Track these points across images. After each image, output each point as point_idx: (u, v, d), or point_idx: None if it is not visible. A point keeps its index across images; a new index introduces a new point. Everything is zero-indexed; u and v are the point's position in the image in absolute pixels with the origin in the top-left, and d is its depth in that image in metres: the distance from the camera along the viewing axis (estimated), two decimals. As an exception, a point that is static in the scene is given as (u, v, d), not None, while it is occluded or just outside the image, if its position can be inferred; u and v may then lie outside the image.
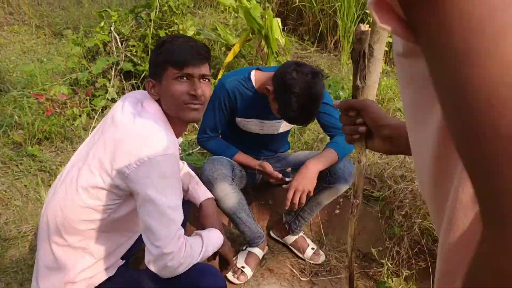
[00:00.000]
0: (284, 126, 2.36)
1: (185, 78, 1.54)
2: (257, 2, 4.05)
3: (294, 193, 2.08)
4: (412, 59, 0.49)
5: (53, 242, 1.54)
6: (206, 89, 1.59)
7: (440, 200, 0.52)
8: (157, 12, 3.50)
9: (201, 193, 1.93)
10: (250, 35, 3.99)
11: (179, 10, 3.60)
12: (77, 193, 1.49)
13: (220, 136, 2.38)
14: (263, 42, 3.94)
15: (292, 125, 2.42)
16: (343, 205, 2.71)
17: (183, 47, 1.55)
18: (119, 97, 3.47)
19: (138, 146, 1.44)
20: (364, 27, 0.93)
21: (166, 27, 3.55)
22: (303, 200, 2.11)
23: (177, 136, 1.63)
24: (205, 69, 1.58)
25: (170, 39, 1.58)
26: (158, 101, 1.59)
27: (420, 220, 2.31)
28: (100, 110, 3.39)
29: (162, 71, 1.55)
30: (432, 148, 0.50)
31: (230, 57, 3.84)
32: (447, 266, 0.52)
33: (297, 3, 6.09)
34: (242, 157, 2.32)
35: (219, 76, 3.74)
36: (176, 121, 1.60)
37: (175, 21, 3.55)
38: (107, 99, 3.40)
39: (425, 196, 0.58)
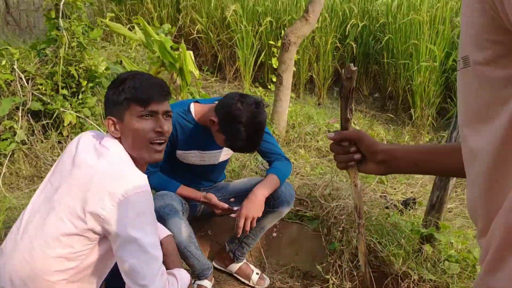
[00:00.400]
0: (223, 155, 2.40)
1: (149, 116, 1.54)
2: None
3: (245, 220, 2.13)
4: (494, 65, 0.60)
5: (20, 300, 1.42)
6: (170, 126, 1.60)
7: (500, 185, 0.63)
8: (66, 49, 3.36)
9: (160, 231, 1.89)
10: (160, 68, 3.99)
11: (89, 46, 3.49)
12: (46, 243, 1.40)
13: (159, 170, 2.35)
14: (175, 75, 3.96)
15: (230, 154, 2.47)
16: (280, 228, 2.80)
17: (146, 84, 1.55)
18: (29, 139, 3.27)
19: (110, 185, 1.41)
20: (354, 66, 1.05)
21: (76, 63, 3.42)
22: (254, 225, 2.16)
23: None
24: (167, 106, 1.60)
25: (131, 76, 1.57)
26: (118, 138, 1.56)
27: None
28: (9, 154, 3.14)
29: (124, 109, 1.53)
30: (501, 137, 0.60)
31: (142, 90, 3.78)
32: (504, 245, 0.62)
33: (194, 35, 6.20)
34: (185, 190, 2.32)
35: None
36: (138, 159, 1.58)
37: (86, 56, 3.44)
38: (16, 142, 3.17)
39: (478, 187, 0.67)
